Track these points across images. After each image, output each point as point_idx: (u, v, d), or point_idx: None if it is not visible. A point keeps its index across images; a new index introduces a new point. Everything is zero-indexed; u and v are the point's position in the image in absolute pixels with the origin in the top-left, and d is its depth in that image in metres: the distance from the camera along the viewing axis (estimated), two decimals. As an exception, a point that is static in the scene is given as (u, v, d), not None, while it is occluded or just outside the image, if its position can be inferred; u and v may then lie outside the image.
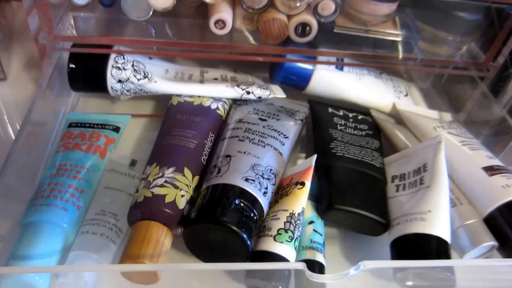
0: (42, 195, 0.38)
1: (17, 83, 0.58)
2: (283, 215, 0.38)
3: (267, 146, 0.44)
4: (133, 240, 0.35)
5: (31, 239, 0.35)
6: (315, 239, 0.40)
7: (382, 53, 0.53)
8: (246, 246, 0.36)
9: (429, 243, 0.38)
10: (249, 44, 0.50)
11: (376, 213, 0.41)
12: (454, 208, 0.43)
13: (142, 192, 0.38)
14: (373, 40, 0.52)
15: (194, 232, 0.37)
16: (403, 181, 0.44)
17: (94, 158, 0.43)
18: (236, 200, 0.37)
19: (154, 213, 0.37)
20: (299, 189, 0.40)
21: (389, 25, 0.53)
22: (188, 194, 0.39)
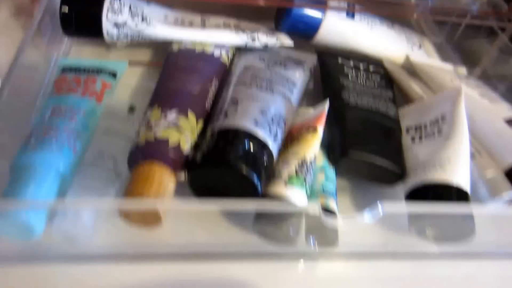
0: (36, 137, 0.36)
1: (6, 31, 0.56)
2: (294, 160, 0.37)
3: (276, 93, 0.42)
4: (134, 180, 0.34)
5: (24, 182, 0.34)
6: (327, 186, 0.38)
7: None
8: (256, 191, 0.34)
9: (448, 192, 0.37)
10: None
11: (391, 161, 0.39)
12: (474, 160, 0.42)
13: (144, 135, 0.36)
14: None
15: (200, 176, 0.35)
16: (419, 132, 0.43)
17: (90, 102, 0.41)
18: (245, 143, 0.36)
19: (156, 157, 0.35)
20: (311, 134, 0.38)
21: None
22: (192, 138, 0.37)
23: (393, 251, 0.40)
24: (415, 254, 0.40)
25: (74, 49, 0.54)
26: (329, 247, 0.37)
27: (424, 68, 0.52)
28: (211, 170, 0.35)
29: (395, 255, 0.40)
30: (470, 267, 0.40)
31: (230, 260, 0.37)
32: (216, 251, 0.38)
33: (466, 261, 0.40)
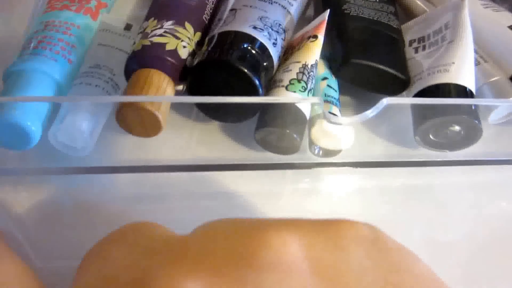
0: (29, 47, 0.35)
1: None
2: (295, 67, 0.36)
3: (274, 3, 0.41)
4: (131, 86, 0.33)
5: (19, 88, 0.33)
6: (329, 93, 0.37)
7: None
8: (257, 92, 0.33)
9: (454, 93, 0.36)
10: None
11: (395, 68, 0.38)
12: (478, 66, 0.40)
13: (140, 42, 0.35)
14: None
15: (199, 79, 0.34)
16: (423, 43, 0.42)
17: (85, 19, 0.40)
18: (244, 44, 0.34)
19: (153, 61, 0.34)
20: (312, 41, 0.37)
21: None
22: (190, 47, 0.36)
23: (397, 161, 0.39)
24: (419, 163, 0.39)
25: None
26: (333, 156, 0.36)
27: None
28: (210, 71, 0.34)
29: (399, 164, 0.39)
30: (476, 175, 0.39)
31: (232, 170, 0.37)
32: (218, 163, 0.37)
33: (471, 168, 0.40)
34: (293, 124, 0.34)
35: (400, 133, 0.38)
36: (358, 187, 0.38)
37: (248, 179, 0.37)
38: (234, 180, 0.36)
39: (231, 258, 0.14)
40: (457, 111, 0.35)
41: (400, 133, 0.38)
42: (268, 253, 0.14)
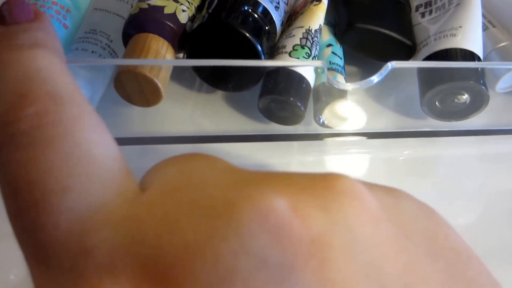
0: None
1: None
2: (299, 32, 0.34)
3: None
4: (129, 52, 0.31)
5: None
6: (334, 61, 0.36)
7: None
8: (259, 56, 0.31)
9: (462, 58, 0.34)
10: None
11: (401, 33, 0.36)
12: (486, 31, 0.39)
13: (137, 5, 0.33)
14: None
15: (199, 43, 0.32)
16: (429, 7, 0.40)
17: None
18: (245, 7, 0.33)
19: (152, 25, 0.32)
20: (315, 5, 0.35)
21: None
22: (189, 11, 0.34)
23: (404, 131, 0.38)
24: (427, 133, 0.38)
25: None
26: (338, 125, 0.35)
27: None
28: (211, 34, 0.32)
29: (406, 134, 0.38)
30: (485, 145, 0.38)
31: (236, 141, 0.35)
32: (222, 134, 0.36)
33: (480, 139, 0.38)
34: (297, 92, 0.32)
35: (407, 103, 0.37)
36: (365, 159, 0.36)
37: (254, 151, 0.35)
38: (240, 152, 0.35)
39: (313, 183, 0.15)
40: (463, 77, 0.34)
41: (407, 103, 0.37)
42: (341, 182, 0.15)
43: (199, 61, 0.33)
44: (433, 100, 0.35)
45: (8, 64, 0.18)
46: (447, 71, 0.33)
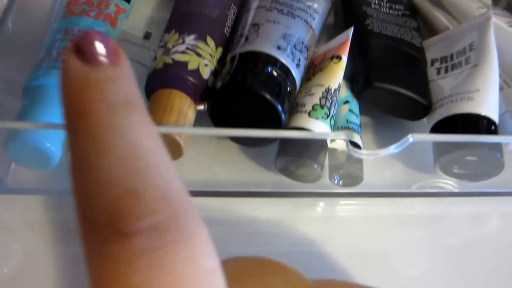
0: (49, 58, 0.34)
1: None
2: (319, 91, 0.34)
3: (297, 17, 0.39)
4: (153, 108, 0.31)
5: (40, 102, 0.32)
6: (351, 119, 0.36)
7: None
8: (280, 118, 0.32)
9: (477, 124, 0.35)
10: None
11: (417, 93, 0.37)
12: (501, 92, 0.39)
13: (161, 59, 0.33)
14: None
15: (221, 103, 0.33)
16: (445, 63, 0.40)
17: (104, 26, 0.38)
18: (268, 68, 0.33)
19: (175, 81, 0.32)
20: (336, 63, 0.36)
21: None
22: (212, 65, 0.34)
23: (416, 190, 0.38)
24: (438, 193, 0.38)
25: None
26: (353, 185, 0.35)
27: (449, -2, 0.48)
28: (233, 96, 0.32)
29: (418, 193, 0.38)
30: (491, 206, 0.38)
31: (251, 197, 0.35)
32: (237, 189, 0.36)
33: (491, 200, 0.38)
34: (314, 153, 0.32)
35: (421, 160, 0.37)
36: (374, 214, 0.37)
37: (262, 204, 0.35)
38: (249, 205, 0.35)
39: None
40: (479, 144, 0.34)
41: (421, 160, 0.37)
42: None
43: (221, 131, 0.33)
44: (447, 163, 0.35)
45: (109, 132, 0.16)
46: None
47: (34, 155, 0.30)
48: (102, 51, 0.17)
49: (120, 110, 0.17)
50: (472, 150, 0.34)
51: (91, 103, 0.17)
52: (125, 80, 0.18)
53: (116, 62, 0.18)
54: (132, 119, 0.17)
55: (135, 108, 0.17)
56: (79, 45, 0.17)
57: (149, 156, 0.16)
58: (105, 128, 0.16)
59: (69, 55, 0.17)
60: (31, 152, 0.30)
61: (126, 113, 0.17)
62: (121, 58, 0.18)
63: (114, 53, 0.18)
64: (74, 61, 0.17)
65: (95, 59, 0.18)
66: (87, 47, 0.17)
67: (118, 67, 0.18)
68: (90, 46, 0.17)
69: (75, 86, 0.17)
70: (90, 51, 0.17)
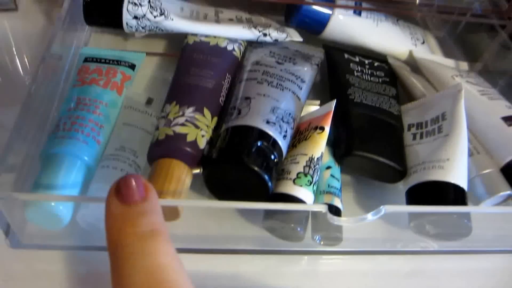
0: (64, 128, 0.37)
1: (28, 15, 0.56)
2: (303, 159, 0.38)
3: (285, 89, 0.43)
4: (154, 176, 0.35)
5: (53, 171, 0.35)
6: (332, 184, 0.39)
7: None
8: (267, 188, 0.35)
9: (446, 191, 0.38)
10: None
11: (394, 160, 0.40)
12: (471, 157, 0.42)
13: (163, 130, 0.37)
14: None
15: (215, 172, 0.36)
16: (420, 129, 0.44)
17: (112, 94, 0.42)
18: (258, 142, 0.37)
19: (175, 152, 0.36)
20: (319, 133, 0.39)
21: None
22: (207, 135, 0.38)
23: (394, 248, 0.41)
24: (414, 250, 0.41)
25: (94, 35, 0.54)
26: (333, 244, 0.38)
27: (426, 64, 0.52)
28: (225, 167, 0.36)
29: (396, 251, 0.41)
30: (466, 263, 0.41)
31: (237, 253, 0.39)
32: (225, 246, 0.39)
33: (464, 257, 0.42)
34: (297, 218, 0.36)
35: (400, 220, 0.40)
36: (356, 269, 0.40)
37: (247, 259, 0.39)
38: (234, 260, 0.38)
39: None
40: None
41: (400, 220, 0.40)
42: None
43: (213, 203, 0.37)
44: (420, 224, 0.39)
45: (138, 256, 0.23)
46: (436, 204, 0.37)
47: (49, 217, 0.33)
48: (136, 191, 0.25)
49: (147, 238, 0.24)
50: (441, 216, 0.37)
51: (125, 236, 0.24)
52: (152, 213, 0.25)
53: (146, 198, 0.26)
54: (156, 244, 0.24)
55: (159, 235, 0.24)
56: (119, 188, 0.25)
57: (170, 273, 0.23)
58: (136, 255, 0.23)
59: (111, 195, 0.26)
60: (46, 215, 0.33)
61: (152, 239, 0.24)
62: (150, 193, 0.26)
63: (145, 189, 0.26)
64: (114, 201, 0.25)
65: (130, 200, 0.25)
66: (125, 191, 0.25)
67: (148, 201, 0.26)
68: (127, 190, 0.25)
69: (114, 221, 0.25)
70: (127, 194, 0.25)
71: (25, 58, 0.52)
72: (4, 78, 0.49)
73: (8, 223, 0.34)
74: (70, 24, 0.48)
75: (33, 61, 0.50)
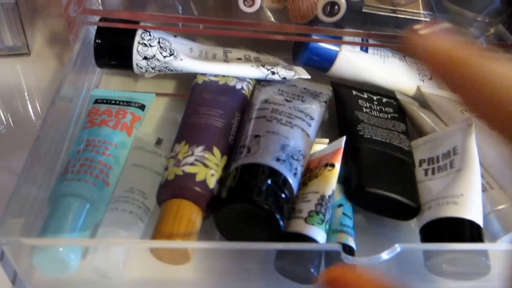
0: (72, 170, 0.37)
1: (40, 59, 0.56)
2: (314, 197, 0.36)
3: (294, 127, 0.42)
4: (164, 218, 0.34)
5: (62, 214, 0.34)
6: (345, 222, 0.38)
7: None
8: (279, 227, 0.34)
9: (462, 227, 0.37)
10: (275, 23, 0.48)
11: (407, 197, 0.39)
12: (485, 193, 0.41)
13: (173, 170, 0.36)
14: (400, 20, 0.50)
15: (225, 212, 0.35)
16: (432, 165, 0.42)
17: (122, 135, 0.41)
18: (268, 180, 0.35)
19: (185, 192, 0.35)
20: (329, 171, 0.38)
21: (417, 5, 0.50)
22: (217, 174, 0.37)
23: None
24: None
25: (104, 77, 0.54)
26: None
27: (435, 100, 0.51)
28: (235, 207, 0.35)
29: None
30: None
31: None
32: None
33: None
34: (310, 258, 0.34)
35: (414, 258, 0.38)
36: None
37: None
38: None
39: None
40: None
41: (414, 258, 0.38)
42: None
43: (226, 244, 0.35)
44: (436, 263, 0.37)
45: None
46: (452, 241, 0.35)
47: (56, 263, 0.32)
48: None
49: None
50: (458, 254, 0.35)
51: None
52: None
53: None
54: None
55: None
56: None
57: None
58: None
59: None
60: (54, 260, 0.32)
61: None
62: None
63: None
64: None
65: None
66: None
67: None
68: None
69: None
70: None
71: (37, 103, 0.51)
72: (16, 122, 0.49)
73: (15, 270, 0.32)
74: (81, 67, 0.48)
75: (45, 105, 0.50)
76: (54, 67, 0.55)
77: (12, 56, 0.55)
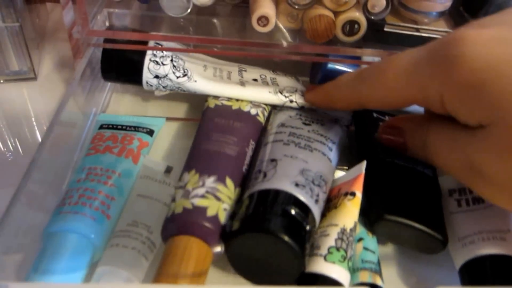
0: (70, 201, 0.33)
1: (47, 83, 0.53)
2: (334, 231, 0.32)
3: (314, 150, 0.37)
4: (170, 256, 0.29)
5: (55, 251, 0.30)
6: (367, 258, 0.33)
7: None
8: (300, 263, 0.29)
9: (510, 266, 0.32)
10: (291, 43, 0.44)
11: (431, 227, 0.34)
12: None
13: (181, 203, 0.32)
14: (424, 39, 0.46)
15: (238, 245, 0.31)
16: (465, 195, 0.38)
17: (127, 163, 0.37)
18: (286, 207, 0.31)
19: (194, 228, 0.31)
20: (350, 200, 0.34)
21: (441, 24, 0.46)
22: (230, 208, 0.33)
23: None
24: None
25: (114, 98, 0.50)
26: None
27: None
28: (250, 237, 0.30)
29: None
30: None
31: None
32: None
33: None
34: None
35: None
36: None
37: None
38: None
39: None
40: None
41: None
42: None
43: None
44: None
45: None
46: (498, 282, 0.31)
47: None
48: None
49: None
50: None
51: None
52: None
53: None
54: None
55: None
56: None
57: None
58: None
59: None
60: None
61: None
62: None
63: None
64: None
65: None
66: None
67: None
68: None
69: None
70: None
71: (44, 128, 0.48)
72: (23, 149, 0.45)
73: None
74: (87, 90, 0.45)
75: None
76: (61, 92, 0.52)
77: (18, 81, 0.52)
